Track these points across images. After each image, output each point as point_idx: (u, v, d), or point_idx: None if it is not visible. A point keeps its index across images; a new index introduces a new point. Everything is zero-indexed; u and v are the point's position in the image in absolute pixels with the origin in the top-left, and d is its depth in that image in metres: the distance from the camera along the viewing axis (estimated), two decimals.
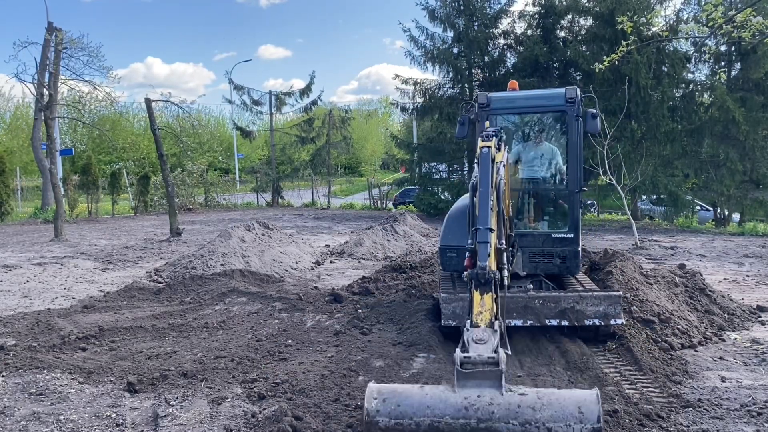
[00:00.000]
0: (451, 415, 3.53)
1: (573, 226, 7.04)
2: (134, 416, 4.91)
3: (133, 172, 31.20)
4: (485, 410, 3.50)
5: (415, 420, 3.57)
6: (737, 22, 10.18)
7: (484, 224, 4.25)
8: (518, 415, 3.48)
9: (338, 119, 31.89)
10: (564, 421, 3.43)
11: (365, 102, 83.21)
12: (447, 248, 7.21)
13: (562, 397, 3.58)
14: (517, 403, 3.51)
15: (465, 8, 23.81)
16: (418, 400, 3.64)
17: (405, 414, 3.60)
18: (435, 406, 3.57)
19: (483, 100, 6.94)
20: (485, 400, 3.53)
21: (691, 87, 21.75)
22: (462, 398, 3.56)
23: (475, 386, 3.61)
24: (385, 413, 3.63)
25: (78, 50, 23.68)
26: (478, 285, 4.04)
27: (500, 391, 3.59)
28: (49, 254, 14.27)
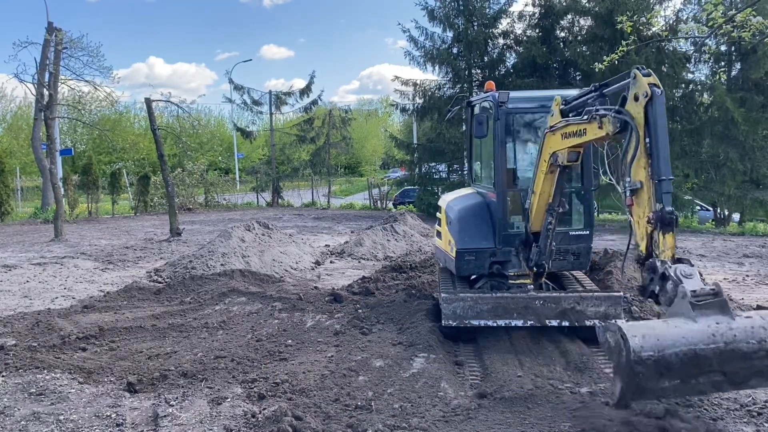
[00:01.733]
0: (703, 342, 3.97)
1: (588, 223, 7.07)
2: (134, 416, 4.91)
3: (133, 172, 31.22)
4: (728, 334, 3.99)
5: (674, 350, 3.95)
6: (737, 22, 10.18)
7: (667, 174, 4.57)
8: (754, 335, 4.02)
9: (338, 119, 31.88)
10: None
11: (365, 102, 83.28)
12: (465, 251, 6.95)
13: None
14: (750, 325, 4.06)
15: (464, 8, 23.80)
16: (673, 332, 4.02)
17: (665, 346, 3.96)
18: (688, 336, 3.99)
19: (503, 98, 6.92)
20: (724, 326, 4.02)
21: (691, 87, 21.73)
22: (706, 326, 4.01)
23: (711, 315, 4.06)
24: (648, 347, 3.95)
25: (78, 50, 23.68)
26: (663, 226, 4.49)
27: (731, 316, 4.09)
28: (49, 254, 14.28)
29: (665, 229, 4.49)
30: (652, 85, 4.64)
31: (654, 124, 4.61)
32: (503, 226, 6.91)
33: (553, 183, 6.14)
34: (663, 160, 4.59)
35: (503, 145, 7.00)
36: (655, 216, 4.51)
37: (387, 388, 5.35)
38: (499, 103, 6.93)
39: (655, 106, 4.61)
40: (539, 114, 7.12)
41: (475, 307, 6.39)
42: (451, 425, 4.64)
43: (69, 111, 27.64)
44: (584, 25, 22.84)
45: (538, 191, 6.23)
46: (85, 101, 25.13)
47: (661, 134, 4.61)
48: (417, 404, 5.01)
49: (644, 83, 4.65)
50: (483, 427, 4.61)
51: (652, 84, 4.64)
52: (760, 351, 3.99)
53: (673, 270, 4.31)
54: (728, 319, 4.06)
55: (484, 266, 6.98)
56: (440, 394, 5.18)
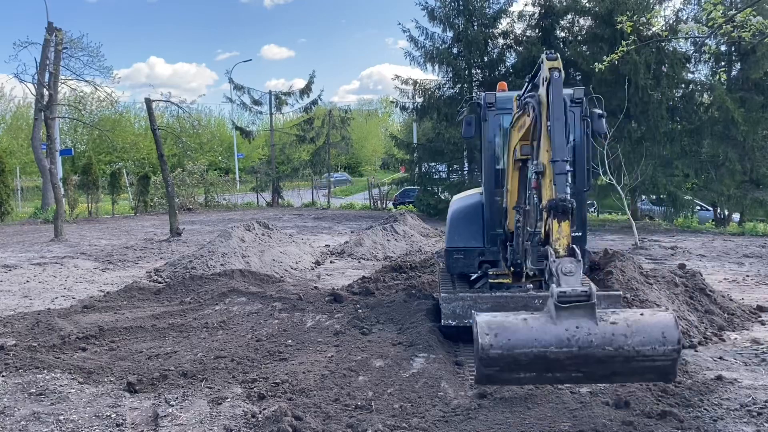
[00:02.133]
0: (555, 345, 3.98)
1: (580, 224, 7.06)
2: (134, 416, 4.91)
3: (133, 172, 31.20)
4: (585, 339, 3.97)
5: (524, 351, 4.00)
6: (737, 22, 10.17)
7: (561, 156, 4.41)
8: (613, 342, 3.97)
9: (338, 119, 31.87)
10: (651, 344, 3.96)
11: (365, 102, 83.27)
12: (454, 250, 7.14)
13: (647, 323, 4.05)
14: (611, 332, 3.99)
15: (464, 8, 23.80)
16: (526, 333, 4.04)
17: (515, 345, 4.02)
18: (541, 337, 4.00)
19: (490, 99, 6.94)
20: (584, 331, 3.99)
21: (691, 87, 21.74)
22: (563, 330, 4.00)
23: (573, 318, 4.03)
24: (498, 346, 4.02)
25: (78, 50, 23.73)
26: (557, 214, 4.32)
27: (595, 321, 4.02)
28: (49, 254, 14.28)
29: (559, 217, 4.35)
30: (553, 69, 4.71)
31: (550, 106, 4.65)
32: (491, 225, 6.95)
33: (518, 179, 6.17)
34: (557, 141, 4.53)
35: (491, 145, 7.03)
36: (549, 203, 4.41)
37: (387, 388, 5.35)
38: (487, 104, 6.96)
39: (552, 88, 4.67)
40: None
41: (475, 306, 6.40)
42: (451, 425, 4.64)
43: (69, 111, 27.66)
44: (584, 25, 22.86)
45: (511, 189, 6.30)
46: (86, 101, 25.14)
47: (557, 117, 4.60)
48: (417, 404, 5.01)
49: (546, 68, 4.76)
50: (483, 427, 4.61)
51: (552, 68, 4.71)
52: (617, 357, 3.99)
53: (555, 265, 4.23)
54: (590, 324, 4.01)
55: (473, 265, 7.08)
56: (440, 394, 5.18)
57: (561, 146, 4.50)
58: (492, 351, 4.03)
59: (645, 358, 3.99)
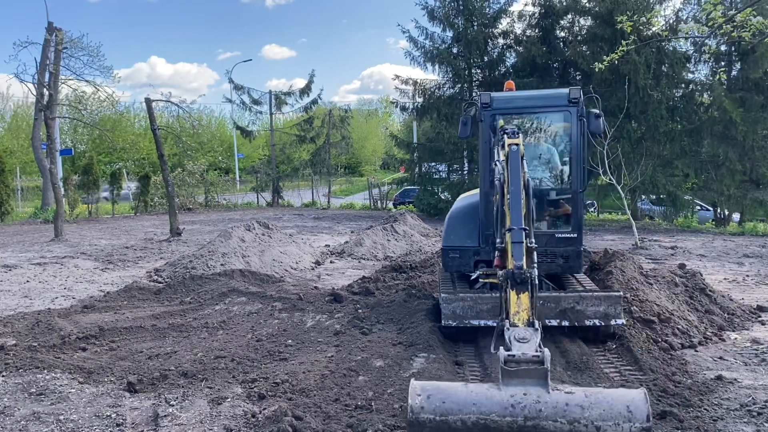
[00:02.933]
0: (497, 413, 3.50)
1: (576, 225, 7.04)
2: (134, 416, 4.91)
3: (133, 172, 31.20)
4: (532, 408, 3.48)
5: (461, 417, 3.53)
6: (737, 22, 10.17)
7: (517, 224, 4.30)
8: (566, 414, 3.45)
9: (338, 119, 31.87)
10: (613, 419, 3.40)
11: (365, 102, 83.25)
12: (449, 249, 7.22)
13: (610, 395, 3.57)
14: (564, 401, 3.49)
15: (464, 8, 23.79)
16: (464, 397, 3.61)
17: (450, 411, 3.56)
18: (481, 403, 3.54)
19: (486, 99, 6.94)
20: (532, 398, 3.52)
21: (691, 87, 21.74)
22: (508, 396, 3.54)
23: (521, 384, 3.59)
24: (429, 410, 3.59)
25: (78, 50, 23.70)
26: (514, 284, 4.08)
27: (546, 389, 3.57)
28: (49, 254, 14.28)
29: (518, 289, 4.08)
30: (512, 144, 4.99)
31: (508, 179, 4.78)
32: (485, 225, 6.96)
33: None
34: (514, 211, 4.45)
35: (487, 146, 7.03)
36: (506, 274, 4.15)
37: (387, 388, 5.35)
38: (483, 105, 6.96)
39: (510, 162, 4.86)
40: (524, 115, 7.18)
41: (475, 306, 6.40)
42: None
43: (69, 111, 27.65)
44: (584, 25, 22.86)
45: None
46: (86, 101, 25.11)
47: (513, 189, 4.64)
48: None
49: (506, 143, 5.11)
50: None
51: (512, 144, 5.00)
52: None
53: (509, 333, 3.94)
54: (541, 392, 3.56)
55: (468, 264, 7.11)
56: None
57: (518, 215, 4.40)
58: (422, 415, 3.59)
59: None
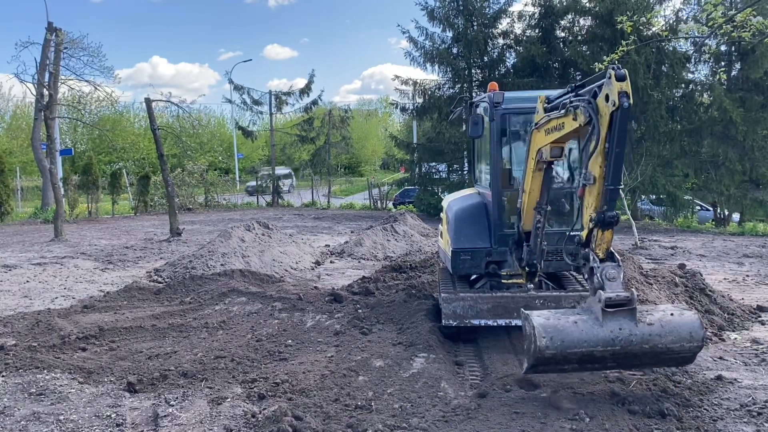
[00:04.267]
0: (602, 345, 4.68)
1: None
2: (134, 416, 4.92)
3: (133, 172, 31.19)
4: (626, 339, 4.67)
5: (575, 350, 4.69)
6: (737, 22, 10.18)
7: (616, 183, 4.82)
8: (650, 341, 4.70)
9: (338, 119, 31.85)
10: (680, 342, 4.73)
11: (365, 102, 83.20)
12: (461, 251, 7.01)
13: (678, 324, 4.77)
14: (648, 332, 4.69)
15: (464, 8, 23.80)
16: (577, 335, 4.69)
17: (568, 346, 4.69)
18: (590, 339, 4.67)
19: (498, 98, 6.91)
20: (626, 332, 4.67)
21: (691, 87, 21.74)
22: (608, 332, 4.67)
23: (617, 320, 4.69)
24: (553, 347, 4.68)
25: (78, 50, 23.70)
26: (603, 225, 4.82)
27: (635, 323, 4.70)
28: (49, 254, 14.28)
29: (605, 228, 4.87)
30: (623, 93, 4.66)
31: (614, 134, 4.72)
32: (498, 226, 6.93)
33: (541, 180, 6.14)
34: (615, 170, 4.81)
35: (499, 145, 7.00)
36: (598, 217, 4.86)
37: (387, 388, 5.35)
38: (494, 104, 6.93)
39: (620, 117, 4.69)
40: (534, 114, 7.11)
41: (475, 306, 6.40)
42: (451, 425, 4.64)
43: (69, 111, 27.65)
44: (584, 25, 22.87)
45: (528, 189, 6.24)
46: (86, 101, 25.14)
47: (619, 146, 4.74)
48: (417, 404, 5.01)
49: (615, 90, 4.68)
50: (483, 427, 4.61)
51: (622, 92, 4.66)
52: (650, 352, 4.74)
53: (599, 270, 4.80)
54: (631, 326, 4.69)
55: (480, 266, 7.01)
56: (440, 394, 5.18)
57: (619, 175, 4.85)
58: (548, 352, 4.67)
59: (673, 352, 4.75)
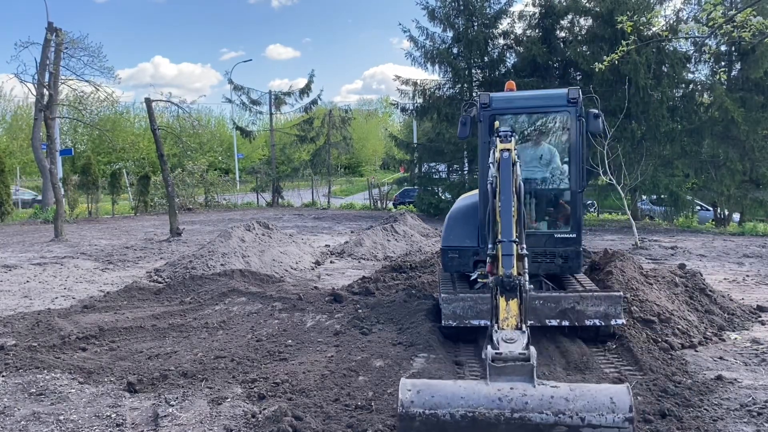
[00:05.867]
0: (484, 406, 3.62)
1: (575, 225, 7.04)
2: (134, 416, 4.91)
3: (133, 172, 31.19)
4: (519, 401, 3.61)
5: (450, 410, 3.66)
6: (737, 22, 10.18)
7: (508, 236, 4.38)
8: (552, 405, 3.58)
9: (338, 119, 31.86)
10: (597, 410, 3.53)
11: (366, 102, 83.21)
12: (449, 249, 7.22)
13: (594, 389, 3.74)
14: (550, 394, 3.63)
15: (464, 8, 23.80)
16: (452, 391, 3.74)
17: (439, 404, 3.69)
18: (469, 396, 3.67)
19: (485, 100, 6.94)
20: (518, 392, 3.66)
21: (691, 87, 21.74)
22: (495, 390, 3.69)
23: (508, 379, 3.74)
24: (419, 404, 3.72)
25: (78, 50, 23.71)
26: (503, 291, 4.23)
27: (532, 383, 3.71)
28: (49, 254, 14.28)
29: (507, 295, 4.25)
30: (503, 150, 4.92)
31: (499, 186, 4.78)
32: (483, 225, 6.97)
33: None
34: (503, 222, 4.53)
35: (486, 146, 7.03)
36: (495, 280, 4.33)
37: (387, 388, 5.34)
38: (482, 105, 6.96)
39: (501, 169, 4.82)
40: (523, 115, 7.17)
41: (475, 307, 6.40)
42: None
43: (69, 111, 27.65)
44: (584, 25, 22.85)
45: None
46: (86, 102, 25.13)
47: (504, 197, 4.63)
48: None
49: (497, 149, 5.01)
50: None
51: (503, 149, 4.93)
52: (557, 425, 3.57)
53: (497, 335, 4.11)
54: (526, 386, 3.71)
55: (468, 264, 7.12)
56: None
57: (508, 226, 4.48)
58: (412, 409, 3.71)
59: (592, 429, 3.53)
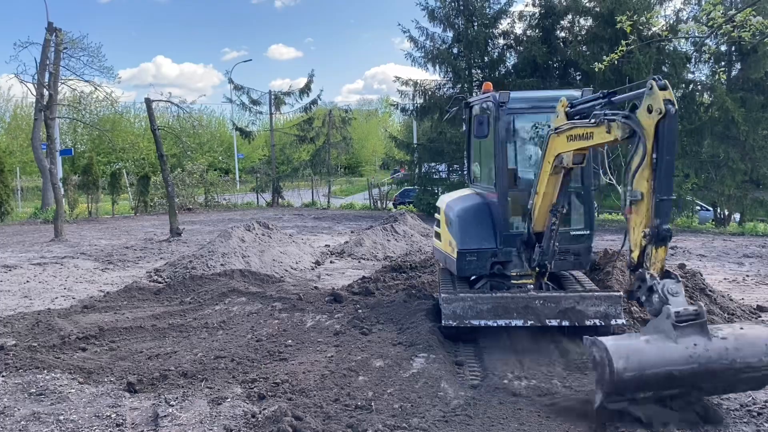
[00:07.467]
0: (680, 363, 4.39)
1: (589, 223, 7.06)
2: (134, 416, 4.91)
3: (133, 172, 31.18)
4: (704, 356, 4.40)
5: (655, 371, 4.37)
6: (737, 22, 10.18)
7: (669, 194, 4.69)
8: (728, 356, 4.44)
9: (338, 119, 31.84)
10: (758, 356, 4.49)
11: (366, 102, 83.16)
12: (467, 252, 6.99)
13: (751, 337, 4.60)
14: (724, 347, 4.46)
15: (464, 8, 23.80)
16: (654, 354, 4.41)
17: (646, 366, 4.37)
18: (668, 357, 4.39)
19: (503, 98, 6.93)
20: (701, 348, 4.41)
21: (692, 87, 21.74)
22: (684, 348, 4.40)
23: (690, 336, 4.44)
24: (631, 369, 4.34)
25: (78, 50, 23.75)
26: (657, 241, 4.66)
27: (709, 337, 4.46)
28: (49, 254, 14.27)
29: (658, 244, 4.69)
30: (667, 101, 4.67)
31: (663, 142, 4.65)
32: (505, 226, 6.92)
33: (557, 184, 6.15)
34: (666, 180, 4.66)
35: (504, 145, 7.00)
36: (652, 232, 4.68)
37: (387, 388, 5.35)
38: (499, 104, 6.93)
39: (668, 124, 4.64)
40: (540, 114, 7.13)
41: (475, 307, 6.39)
42: (451, 425, 4.64)
43: (69, 111, 27.66)
44: (585, 25, 22.86)
45: (542, 192, 6.23)
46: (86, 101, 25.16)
47: (669, 153, 4.65)
48: (417, 404, 5.01)
49: (659, 98, 4.67)
50: (483, 427, 4.61)
51: (667, 100, 4.67)
52: (730, 370, 4.46)
53: (660, 286, 4.59)
54: (706, 341, 4.44)
55: (485, 267, 7.00)
56: (440, 394, 5.18)
57: (671, 185, 4.72)
58: (626, 374, 4.32)
59: (752, 369, 4.49)
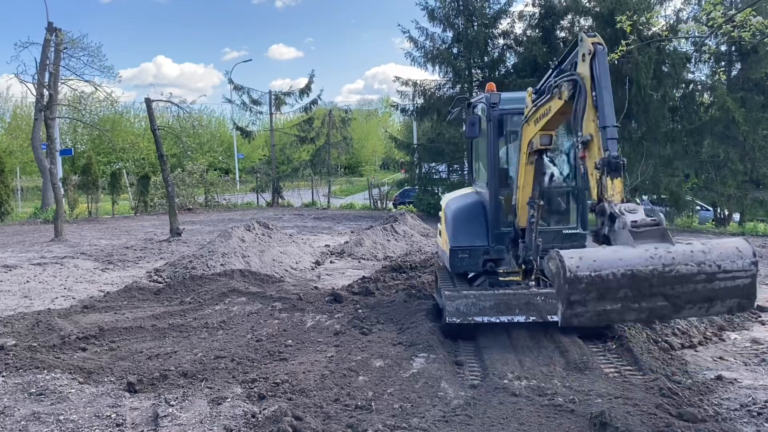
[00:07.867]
0: (640, 264, 4.00)
1: (583, 221, 7.09)
2: (134, 416, 4.91)
3: (133, 172, 31.18)
4: (667, 257, 4.03)
5: (612, 270, 3.99)
6: (737, 22, 10.18)
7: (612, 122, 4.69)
8: (693, 258, 4.04)
9: (338, 119, 31.85)
10: (728, 258, 4.05)
11: (366, 102, 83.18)
12: (459, 249, 7.14)
13: (720, 243, 4.22)
14: (690, 249, 4.09)
15: (464, 8, 23.81)
16: (610, 255, 4.10)
17: (602, 266, 4.01)
18: (626, 257, 4.04)
19: (494, 99, 6.98)
20: (663, 250, 4.08)
21: (692, 87, 21.74)
22: (644, 250, 4.07)
23: (651, 241, 4.16)
24: (584, 267, 4.00)
25: (78, 50, 23.74)
26: (609, 171, 4.56)
27: (671, 242, 4.18)
28: (49, 254, 14.27)
29: (612, 174, 4.59)
30: (596, 43, 4.89)
31: (597, 77, 4.80)
32: (495, 224, 7.00)
33: (533, 173, 6.22)
34: (607, 109, 4.73)
35: (495, 145, 7.05)
36: (602, 161, 4.62)
37: (387, 388, 5.35)
38: (491, 104, 6.98)
39: (598, 60, 4.84)
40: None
41: (478, 304, 6.41)
42: (451, 425, 4.64)
43: (69, 111, 27.66)
44: (585, 25, 22.85)
45: (521, 185, 6.33)
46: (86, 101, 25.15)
47: (605, 86, 4.78)
48: (417, 404, 5.01)
49: (588, 42, 4.92)
50: (483, 427, 4.61)
51: (595, 42, 4.90)
52: (700, 274, 4.01)
53: (618, 208, 4.42)
54: (668, 245, 4.12)
55: (477, 264, 7.10)
56: (440, 394, 5.18)
57: (611, 113, 4.71)
58: (579, 272, 3.97)
59: (726, 274, 4.03)
